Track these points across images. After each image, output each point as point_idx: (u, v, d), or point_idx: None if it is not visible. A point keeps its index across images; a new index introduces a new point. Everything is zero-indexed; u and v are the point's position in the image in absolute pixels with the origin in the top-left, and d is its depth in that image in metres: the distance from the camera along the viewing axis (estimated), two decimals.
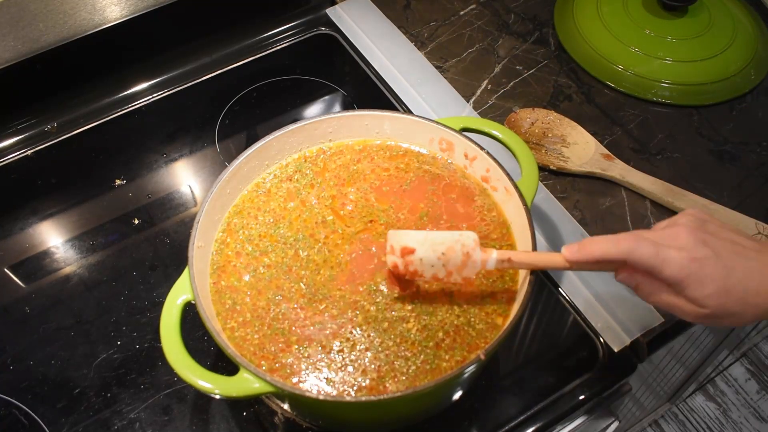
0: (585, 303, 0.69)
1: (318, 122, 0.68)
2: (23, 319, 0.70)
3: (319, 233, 0.63)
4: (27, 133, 0.84)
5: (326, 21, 0.95)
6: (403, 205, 0.65)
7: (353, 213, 0.65)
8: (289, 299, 0.59)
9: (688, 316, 0.50)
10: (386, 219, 0.64)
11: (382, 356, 0.56)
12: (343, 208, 0.65)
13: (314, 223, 0.64)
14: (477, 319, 0.58)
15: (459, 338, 0.57)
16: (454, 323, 0.58)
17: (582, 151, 0.78)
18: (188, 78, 0.90)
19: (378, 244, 0.62)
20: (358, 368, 0.56)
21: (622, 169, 0.77)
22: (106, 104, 0.87)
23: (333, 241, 0.63)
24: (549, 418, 0.64)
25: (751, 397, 1.56)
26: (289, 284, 0.60)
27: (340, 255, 0.62)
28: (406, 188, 0.66)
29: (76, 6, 0.79)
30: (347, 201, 0.66)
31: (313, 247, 0.63)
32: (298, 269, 0.61)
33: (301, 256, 0.62)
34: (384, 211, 0.65)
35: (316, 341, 0.57)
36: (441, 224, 0.64)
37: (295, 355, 0.56)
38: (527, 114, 0.81)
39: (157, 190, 0.79)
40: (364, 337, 0.57)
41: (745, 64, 0.87)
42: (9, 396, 0.65)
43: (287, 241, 0.63)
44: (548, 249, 0.72)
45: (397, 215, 0.65)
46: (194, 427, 0.63)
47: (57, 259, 0.74)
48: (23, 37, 0.78)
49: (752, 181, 0.77)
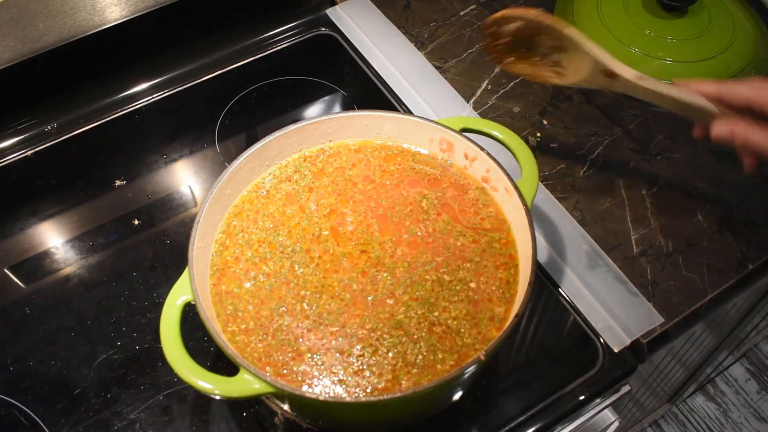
0: (585, 303, 0.69)
1: (318, 123, 0.68)
2: (23, 320, 0.70)
3: (314, 250, 0.63)
4: (27, 134, 0.84)
5: (326, 21, 0.95)
6: (401, 227, 0.64)
7: (349, 235, 0.64)
8: (294, 315, 0.59)
9: None
10: (379, 252, 0.62)
11: (392, 360, 0.56)
12: (342, 225, 0.64)
13: (311, 235, 0.64)
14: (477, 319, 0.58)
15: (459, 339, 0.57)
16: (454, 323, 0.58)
17: (580, 64, 0.67)
18: (188, 78, 0.90)
19: (363, 282, 0.61)
20: (374, 372, 0.56)
21: (629, 76, 0.65)
22: (106, 105, 0.87)
23: (325, 263, 0.62)
24: (549, 419, 0.64)
25: (751, 398, 1.56)
26: (291, 300, 0.60)
27: (335, 285, 0.61)
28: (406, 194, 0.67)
29: (76, 6, 0.79)
30: (346, 212, 0.65)
31: (308, 266, 0.62)
32: (296, 287, 0.61)
33: (297, 273, 0.61)
34: (380, 245, 0.63)
35: (333, 349, 0.57)
36: (439, 227, 0.64)
37: (308, 364, 0.56)
38: (517, 13, 0.67)
39: (157, 190, 0.79)
40: (373, 348, 0.57)
41: (745, 65, 0.87)
42: (9, 396, 0.65)
43: (285, 251, 0.63)
44: (548, 249, 0.72)
45: (394, 250, 0.62)
46: (194, 427, 0.63)
47: (57, 259, 0.74)
48: (23, 38, 0.78)
49: (752, 181, 0.77)
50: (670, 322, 0.68)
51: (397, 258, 0.62)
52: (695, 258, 0.71)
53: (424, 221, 0.64)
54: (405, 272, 0.61)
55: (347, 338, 0.58)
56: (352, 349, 0.57)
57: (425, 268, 0.61)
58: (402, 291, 0.60)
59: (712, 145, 0.81)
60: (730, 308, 0.97)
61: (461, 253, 0.62)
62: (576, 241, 0.73)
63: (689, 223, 0.74)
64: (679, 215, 0.74)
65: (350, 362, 0.56)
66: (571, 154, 0.80)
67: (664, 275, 0.70)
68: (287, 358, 0.57)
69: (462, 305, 0.59)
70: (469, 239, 0.63)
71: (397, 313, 0.59)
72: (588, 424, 0.70)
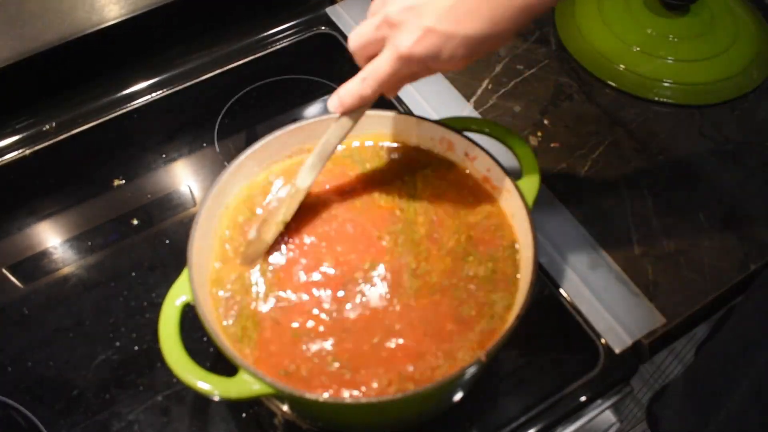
0: (586, 304, 0.69)
1: (318, 122, 0.67)
2: (21, 320, 0.69)
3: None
4: (25, 133, 0.84)
5: (326, 20, 0.95)
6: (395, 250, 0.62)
7: (349, 235, 0.63)
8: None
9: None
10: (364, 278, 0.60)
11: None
12: (342, 225, 0.64)
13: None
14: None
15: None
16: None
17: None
18: (188, 78, 0.89)
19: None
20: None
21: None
22: (104, 104, 0.87)
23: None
24: (550, 420, 0.64)
25: None
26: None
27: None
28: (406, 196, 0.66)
29: (74, 5, 0.78)
30: (346, 212, 0.65)
31: None
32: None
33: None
34: (370, 266, 0.61)
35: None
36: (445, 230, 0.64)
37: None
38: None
39: (156, 190, 0.79)
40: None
41: (748, 64, 0.86)
42: (7, 397, 0.64)
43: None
44: (551, 249, 0.72)
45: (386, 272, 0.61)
46: (193, 428, 0.63)
47: (55, 259, 0.74)
48: (21, 36, 0.77)
49: (754, 181, 0.77)
50: (672, 322, 0.67)
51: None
52: (697, 258, 0.71)
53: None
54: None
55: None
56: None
57: (425, 269, 0.61)
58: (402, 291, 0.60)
59: (713, 144, 0.81)
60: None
61: (461, 253, 0.62)
62: (577, 241, 0.72)
63: (691, 222, 0.74)
64: (680, 215, 0.74)
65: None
66: (572, 153, 0.80)
67: (665, 275, 0.70)
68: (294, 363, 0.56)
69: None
70: (468, 239, 0.63)
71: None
72: (589, 425, 0.70)
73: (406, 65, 0.53)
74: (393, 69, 0.53)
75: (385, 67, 0.53)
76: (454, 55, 0.51)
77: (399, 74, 0.54)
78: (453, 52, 0.50)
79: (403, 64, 0.52)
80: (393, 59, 0.52)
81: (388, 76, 0.54)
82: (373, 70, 0.54)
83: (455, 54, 0.51)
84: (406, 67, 0.53)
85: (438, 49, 0.50)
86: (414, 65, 0.53)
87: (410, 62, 0.52)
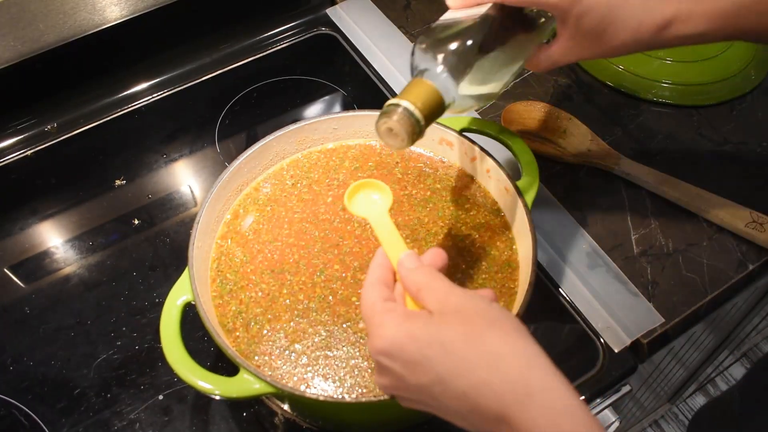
0: (585, 303, 0.69)
1: (318, 122, 0.68)
2: (23, 320, 0.70)
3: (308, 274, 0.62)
4: (27, 133, 0.84)
5: (326, 21, 0.95)
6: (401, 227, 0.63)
7: (349, 235, 0.63)
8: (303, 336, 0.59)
9: None
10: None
11: None
12: (343, 224, 0.64)
13: (308, 251, 0.63)
14: None
15: None
16: None
17: (578, 142, 0.78)
18: (188, 78, 0.90)
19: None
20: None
21: (617, 159, 0.77)
22: (106, 104, 0.87)
23: (319, 297, 0.60)
24: None
25: None
26: (287, 316, 0.59)
27: (337, 284, 0.60)
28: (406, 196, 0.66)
29: (76, 6, 0.79)
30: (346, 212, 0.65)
31: (302, 292, 0.61)
32: (298, 308, 0.60)
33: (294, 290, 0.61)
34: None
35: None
36: (440, 234, 0.64)
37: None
38: (523, 107, 0.81)
39: (157, 190, 0.79)
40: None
41: (746, 65, 0.87)
42: (9, 396, 0.64)
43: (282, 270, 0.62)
44: (549, 250, 0.72)
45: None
46: (194, 427, 0.63)
47: (57, 259, 0.74)
48: (23, 37, 0.78)
49: (752, 181, 0.77)
50: (671, 322, 0.68)
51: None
52: (695, 258, 0.71)
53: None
54: None
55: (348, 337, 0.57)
56: (353, 349, 0.57)
57: None
58: None
59: (712, 144, 0.81)
60: (730, 308, 0.97)
61: (461, 253, 0.62)
62: (576, 241, 0.73)
63: (689, 222, 0.74)
64: (679, 215, 0.74)
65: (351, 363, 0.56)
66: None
67: (664, 275, 0.70)
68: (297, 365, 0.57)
69: None
70: (469, 239, 0.63)
71: None
72: None
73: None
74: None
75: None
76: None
77: None
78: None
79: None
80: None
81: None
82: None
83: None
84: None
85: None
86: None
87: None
